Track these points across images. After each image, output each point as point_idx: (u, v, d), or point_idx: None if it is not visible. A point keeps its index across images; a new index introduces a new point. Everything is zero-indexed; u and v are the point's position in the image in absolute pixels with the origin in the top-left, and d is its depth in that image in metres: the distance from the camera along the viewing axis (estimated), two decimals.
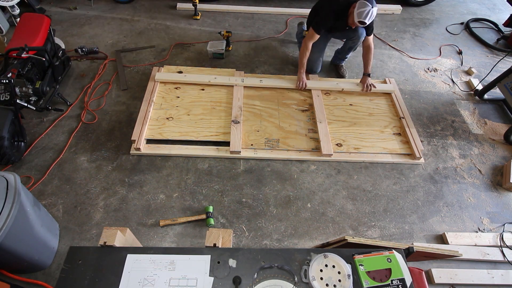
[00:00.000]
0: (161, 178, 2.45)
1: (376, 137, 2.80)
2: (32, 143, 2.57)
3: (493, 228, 2.38)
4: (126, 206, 2.28)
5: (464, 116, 3.16)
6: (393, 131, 2.87)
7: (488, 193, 2.58)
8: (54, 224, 2.09)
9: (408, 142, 2.76)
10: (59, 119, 2.77)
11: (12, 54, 2.39)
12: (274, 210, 2.34)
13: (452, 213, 2.43)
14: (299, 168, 2.59)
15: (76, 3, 4.10)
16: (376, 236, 2.27)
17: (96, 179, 2.41)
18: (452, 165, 2.74)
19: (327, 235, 2.24)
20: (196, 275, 1.09)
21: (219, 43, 3.47)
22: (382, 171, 2.63)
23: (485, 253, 2.20)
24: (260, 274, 1.10)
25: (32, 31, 2.60)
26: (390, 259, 1.15)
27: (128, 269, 1.09)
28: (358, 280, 1.10)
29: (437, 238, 2.29)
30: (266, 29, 3.98)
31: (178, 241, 2.14)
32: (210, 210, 2.24)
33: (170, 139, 2.63)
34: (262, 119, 2.84)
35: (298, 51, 3.69)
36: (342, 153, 2.68)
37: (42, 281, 1.90)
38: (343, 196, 2.46)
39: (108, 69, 3.28)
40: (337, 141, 2.73)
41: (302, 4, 4.47)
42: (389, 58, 3.73)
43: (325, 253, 1.14)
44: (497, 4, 4.94)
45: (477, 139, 2.97)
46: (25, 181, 2.35)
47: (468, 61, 3.79)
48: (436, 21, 4.43)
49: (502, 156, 2.85)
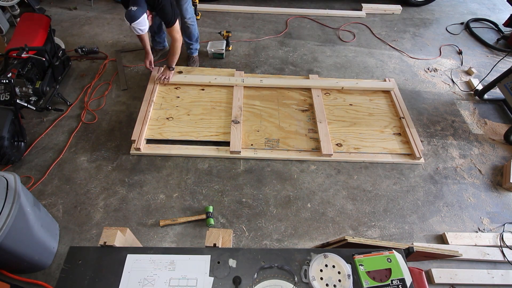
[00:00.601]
0: (161, 178, 2.45)
1: (376, 137, 2.80)
2: (32, 143, 2.57)
3: (493, 228, 2.38)
4: (126, 206, 2.28)
5: (464, 116, 3.16)
6: (393, 131, 2.87)
7: (488, 193, 2.58)
8: (54, 224, 2.09)
9: (408, 142, 2.75)
10: (59, 119, 2.77)
11: (12, 54, 2.39)
12: (274, 210, 2.34)
13: (452, 213, 2.43)
14: (299, 168, 2.59)
15: (76, 3, 4.10)
16: (376, 236, 2.27)
17: (96, 179, 2.41)
18: (452, 165, 2.74)
19: (327, 235, 2.24)
20: (196, 275, 1.09)
21: (219, 43, 3.47)
22: (382, 171, 2.63)
23: (485, 253, 2.20)
24: (260, 274, 1.10)
25: (32, 31, 2.60)
26: (390, 259, 1.14)
27: (128, 269, 1.09)
28: (358, 280, 1.10)
29: (437, 238, 2.29)
30: (266, 29, 3.98)
31: (178, 241, 2.14)
32: (210, 210, 2.24)
33: (170, 139, 2.63)
34: (262, 119, 2.84)
35: (297, 51, 3.69)
36: (342, 153, 2.67)
37: (42, 281, 1.90)
38: (343, 196, 2.46)
39: (108, 69, 3.28)
40: (337, 141, 2.73)
41: (302, 4, 4.47)
42: (389, 58, 3.73)
43: (325, 253, 1.14)
44: (497, 4, 4.94)
45: (477, 139, 2.97)
46: (25, 181, 2.35)
47: (468, 61, 3.79)
48: (436, 21, 4.43)
49: (502, 156, 2.85)
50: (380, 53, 3.78)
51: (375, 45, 3.90)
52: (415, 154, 2.66)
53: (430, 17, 4.49)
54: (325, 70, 3.48)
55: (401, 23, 4.32)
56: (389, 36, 4.07)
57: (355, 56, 3.70)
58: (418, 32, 4.18)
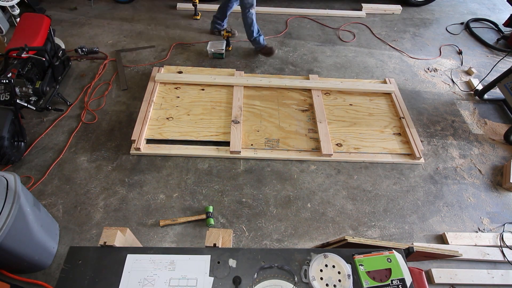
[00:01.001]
0: (161, 178, 2.45)
1: (376, 137, 2.80)
2: (32, 143, 2.57)
3: (493, 228, 2.38)
4: (126, 206, 2.28)
5: (464, 116, 3.16)
6: (393, 131, 2.87)
7: (488, 193, 2.58)
8: (54, 224, 2.09)
9: (408, 142, 2.75)
10: (59, 119, 2.77)
11: (12, 54, 2.39)
12: (274, 210, 2.34)
13: (452, 213, 2.43)
14: (299, 168, 2.59)
15: (76, 3, 4.10)
16: (376, 236, 2.27)
17: (96, 179, 2.41)
18: (452, 165, 2.74)
19: (327, 235, 2.24)
20: (196, 275, 1.09)
21: (219, 43, 3.47)
22: (382, 171, 2.63)
23: (485, 253, 2.20)
24: (260, 274, 1.10)
25: (32, 31, 2.60)
26: (390, 259, 1.14)
27: (128, 269, 1.09)
28: (358, 280, 1.10)
29: (437, 238, 2.29)
30: (266, 29, 3.98)
31: (178, 241, 2.14)
32: (210, 210, 2.24)
33: (170, 139, 2.63)
34: (262, 119, 2.84)
35: (297, 51, 3.69)
36: (342, 153, 2.67)
37: (42, 281, 1.90)
38: (343, 196, 2.46)
39: (108, 69, 3.28)
40: (337, 141, 2.73)
41: (302, 4, 4.47)
42: (389, 58, 3.73)
43: (325, 253, 1.14)
44: (497, 4, 4.94)
45: (477, 139, 2.97)
46: (25, 181, 2.35)
47: (468, 61, 3.79)
48: (436, 21, 4.43)
49: (502, 156, 2.85)
50: (380, 53, 3.78)
51: (375, 45, 3.90)
52: (415, 154, 2.66)
53: (430, 17, 4.49)
54: (325, 70, 3.48)
55: (401, 23, 4.32)
56: (389, 36, 4.07)
57: (355, 56, 3.70)
58: (418, 32, 4.18)
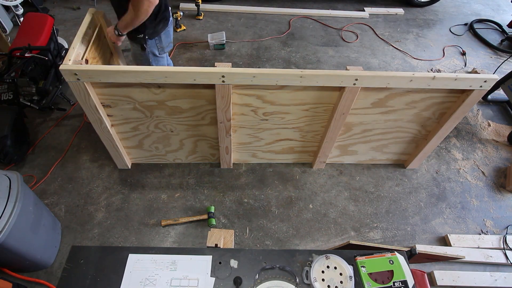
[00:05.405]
0: (163, 178, 2.45)
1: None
2: (34, 142, 2.58)
3: (496, 230, 2.36)
4: (128, 205, 2.29)
5: (468, 118, 3.14)
6: None
7: (491, 195, 2.56)
8: (56, 223, 2.09)
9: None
10: (62, 119, 2.78)
11: (15, 54, 2.40)
12: (275, 210, 2.34)
13: (455, 215, 2.42)
14: (301, 169, 2.59)
15: (79, 3, 4.11)
16: (378, 237, 2.26)
17: (98, 178, 2.42)
18: (455, 167, 2.72)
19: (329, 236, 2.24)
20: (198, 275, 1.09)
21: (218, 34, 3.49)
22: (384, 172, 2.62)
23: (488, 255, 2.18)
24: (262, 275, 1.10)
25: (36, 30, 2.61)
26: (392, 260, 1.14)
27: (130, 269, 1.09)
28: (360, 281, 1.09)
29: (440, 240, 2.28)
30: (268, 29, 3.98)
31: (179, 241, 2.14)
32: (211, 210, 2.24)
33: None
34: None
35: (300, 52, 3.69)
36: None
37: (44, 280, 1.90)
38: (345, 197, 2.45)
39: None
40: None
41: (305, 4, 4.47)
42: (392, 59, 3.72)
43: (327, 255, 1.14)
44: (501, 5, 4.92)
45: (481, 140, 2.95)
46: (28, 180, 2.36)
47: (471, 62, 3.77)
48: (439, 22, 4.41)
49: (505, 158, 2.83)
50: (383, 54, 3.77)
51: (378, 45, 3.89)
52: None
53: (433, 18, 4.47)
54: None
55: (404, 23, 4.31)
56: (392, 36, 4.05)
57: (358, 56, 3.69)
58: (422, 33, 4.17)
